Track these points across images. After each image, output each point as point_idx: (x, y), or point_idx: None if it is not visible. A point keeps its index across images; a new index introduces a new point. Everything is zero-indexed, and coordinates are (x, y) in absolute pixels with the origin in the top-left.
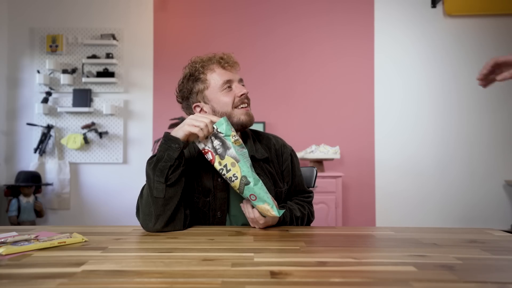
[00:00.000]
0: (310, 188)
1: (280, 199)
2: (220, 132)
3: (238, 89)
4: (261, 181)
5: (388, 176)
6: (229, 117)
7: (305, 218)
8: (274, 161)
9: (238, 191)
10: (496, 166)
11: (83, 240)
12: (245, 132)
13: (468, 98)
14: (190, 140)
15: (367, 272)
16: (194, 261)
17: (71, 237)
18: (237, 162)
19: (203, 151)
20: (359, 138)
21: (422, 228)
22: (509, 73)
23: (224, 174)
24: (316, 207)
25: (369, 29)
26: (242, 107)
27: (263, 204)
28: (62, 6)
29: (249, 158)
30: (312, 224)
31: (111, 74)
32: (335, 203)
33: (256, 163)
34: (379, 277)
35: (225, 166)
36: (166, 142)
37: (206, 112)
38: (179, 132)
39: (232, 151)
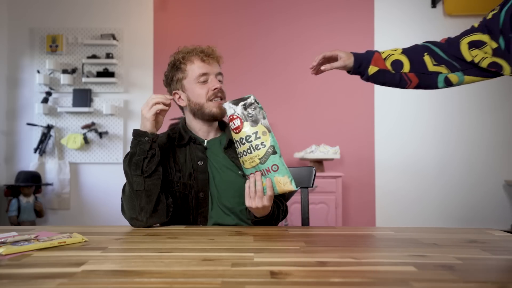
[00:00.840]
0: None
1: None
2: (257, 103)
3: (212, 83)
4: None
5: (388, 176)
6: (202, 108)
7: (282, 213)
8: None
9: (257, 161)
10: (496, 166)
11: (83, 240)
12: (222, 122)
13: (468, 98)
14: (159, 125)
15: (367, 272)
16: (194, 261)
17: (71, 237)
18: (269, 132)
19: (230, 117)
20: (359, 138)
21: (422, 228)
22: (330, 65)
23: (250, 142)
24: (316, 207)
25: (369, 28)
26: (215, 101)
27: (283, 176)
28: (62, 6)
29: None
30: (312, 224)
31: (111, 74)
32: (335, 203)
33: (232, 148)
34: (379, 277)
35: (255, 133)
36: (136, 137)
37: (183, 100)
38: (145, 125)
39: (266, 121)
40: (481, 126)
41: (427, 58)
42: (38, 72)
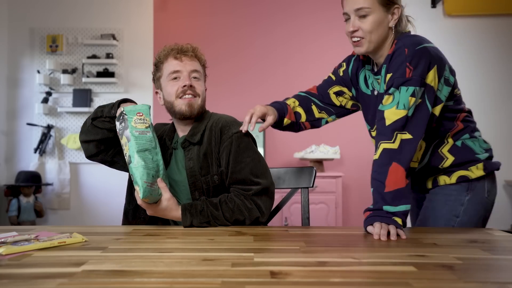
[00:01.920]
0: (260, 181)
1: (209, 185)
2: (125, 114)
3: (182, 80)
4: (143, 164)
5: None
6: (172, 107)
7: (231, 212)
8: (212, 142)
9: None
10: None
11: (83, 240)
12: (205, 116)
13: (467, 98)
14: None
15: (367, 272)
16: (194, 261)
17: (71, 237)
18: (128, 142)
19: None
20: (359, 138)
21: (422, 228)
22: (266, 125)
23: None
24: (316, 207)
25: None
26: (184, 98)
27: (136, 185)
28: (62, 6)
29: (149, 143)
30: (312, 224)
31: (111, 74)
32: (335, 203)
33: (192, 147)
34: (379, 277)
35: (123, 145)
36: (113, 106)
37: (161, 98)
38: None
39: (127, 131)
40: (481, 126)
41: (314, 108)
42: (38, 72)
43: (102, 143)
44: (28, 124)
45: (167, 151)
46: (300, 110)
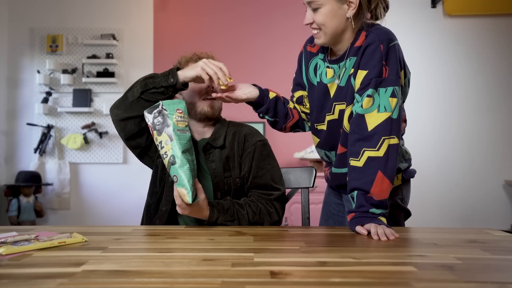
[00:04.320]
0: (279, 187)
1: (231, 186)
2: (165, 109)
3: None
4: (188, 167)
5: None
6: (194, 107)
7: (256, 217)
8: (235, 147)
9: (167, 168)
10: (496, 166)
11: (83, 240)
12: (222, 121)
13: (468, 98)
14: (197, 82)
15: (367, 272)
16: (194, 261)
17: (71, 237)
18: (171, 141)
19: (148, 125)
20: None
21: (422, 228)
22: (236, 96)
23: (159, 151)
24: (316, 207)
25: None
26: (206, 99)
27: (182, 188)
28: (62, 6)
29: (188, 143)
30: (312, 224)
31: (111, 74)
32: None
33: (213, 150)
34: (379, 277)
35: (160, 142)
36: (169, 73)
37: (180, 97)
38: (189, 72)
39: (170, 129)
40: (481, 126)
41: (297, 106)
42: (38, 72)
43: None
44: (28, 124)
45: None
46: (286, 99)
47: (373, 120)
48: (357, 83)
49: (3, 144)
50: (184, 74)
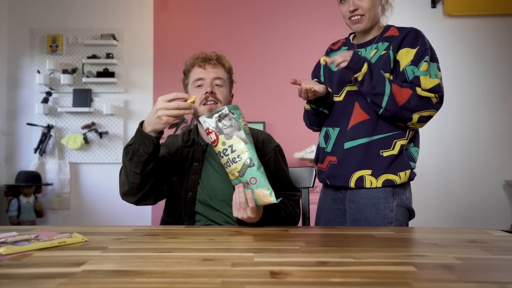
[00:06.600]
0: (299, 189)
1: None
2: (232, 113)
3: (205, 87)
4: (263, 167)
5: None
6: (196, 113)
7: (288, 217)
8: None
9: (236, 174)
10: (496, 166)
11: (83, 240)
12: None
13: (468, 98)
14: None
15: (367, 272)
16: (194, 261)
17: (71, 237)
18: (245, 144)
19: (206, 131)
20: None
21: (422, 228)
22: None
23: (227, 155)
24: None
25: None
26: (207, 104)
27: (262, 189)
28: (62, 6)
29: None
30: (312, 224)
31: (111, 74)
32: None
33: None
34: (379, 277)
35: (231, 146)
36: (141, 137)
37: None
38: (155, 126)
39: (241, 132)
40: (481, 126)
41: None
42: (38, 72)
43: (147, 176)
44: (28, 124)
45: (203, 154)
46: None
47: (427, 83)
48: (409, 56)
49: (3, 144)
50: (154, 129)
